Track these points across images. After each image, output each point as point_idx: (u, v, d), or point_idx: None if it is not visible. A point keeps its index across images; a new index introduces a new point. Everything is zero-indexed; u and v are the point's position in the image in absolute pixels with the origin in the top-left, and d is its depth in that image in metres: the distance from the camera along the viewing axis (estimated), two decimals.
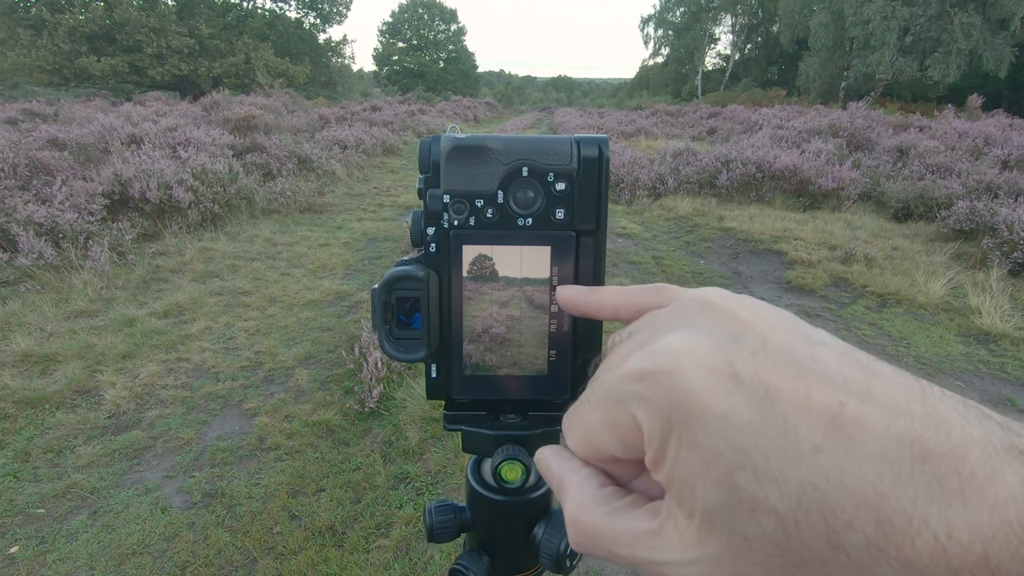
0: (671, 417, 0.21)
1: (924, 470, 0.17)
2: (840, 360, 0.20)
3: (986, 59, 24.35)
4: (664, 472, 0.21)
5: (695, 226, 6.19)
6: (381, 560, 1.86)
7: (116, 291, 4.00)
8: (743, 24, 42.64)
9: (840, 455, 0.18)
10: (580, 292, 0.32)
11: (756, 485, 0.19)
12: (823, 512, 0.18)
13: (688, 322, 0.23)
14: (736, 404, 0.19)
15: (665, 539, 0.21)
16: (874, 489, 0.17)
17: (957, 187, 6.30)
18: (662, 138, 13.25)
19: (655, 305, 0.27)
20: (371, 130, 12.09)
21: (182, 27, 27.74)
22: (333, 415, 2.63)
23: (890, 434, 0.18)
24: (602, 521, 0.23)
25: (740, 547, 0.19)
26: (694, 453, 0.20)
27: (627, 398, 0.22)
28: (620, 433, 0.23)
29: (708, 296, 0.25)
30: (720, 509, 0.19)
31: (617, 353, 0.26)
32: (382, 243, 5.45)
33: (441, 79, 53.68)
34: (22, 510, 2.07)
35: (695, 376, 0.20)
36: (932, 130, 10.51)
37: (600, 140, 0.35)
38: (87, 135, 7.15)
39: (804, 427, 0.18)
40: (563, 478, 0.26)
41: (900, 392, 0.19)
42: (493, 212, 0.35)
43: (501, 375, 0.37)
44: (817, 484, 0.18)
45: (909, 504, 0.17)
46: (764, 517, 0.18)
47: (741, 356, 0.21)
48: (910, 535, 0.17)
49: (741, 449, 0.19)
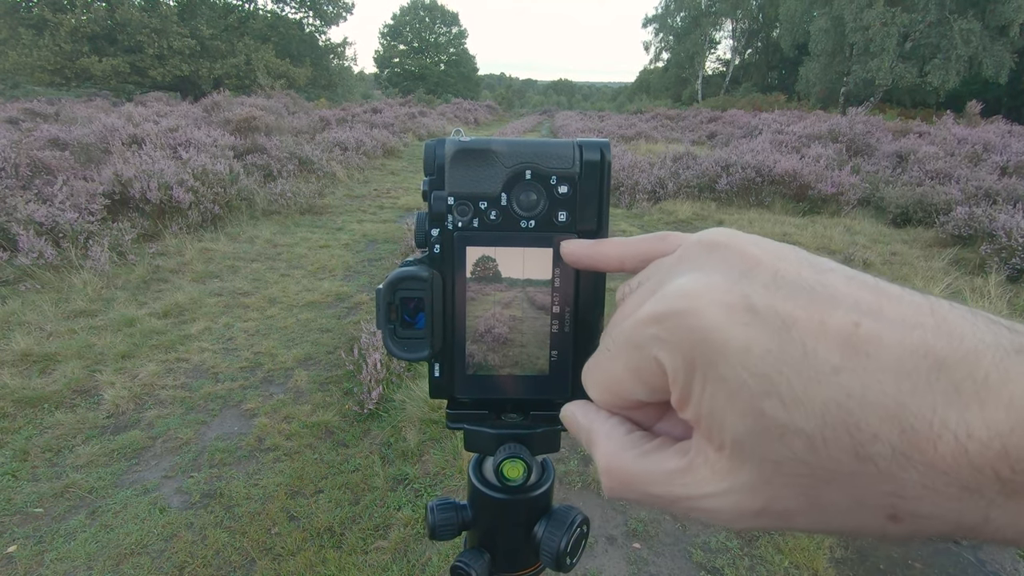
0: (693, 355, 0.21)
1: (940, 377, 0.18)
2: (849, 283, 0.21)
3: (986, 65, 24.41)
4: (691, 409, 0.22)
5: (694, 230, 6.19)
6: (379, 562, 1.86)
7: (116, 291, 4.01)
8: (743, 29, 42.76)
9: (859, 372, 0.18)
10: (584, 245, 0.32)
11: (782, 409, 0.19)
12: (848, 427, 0.18)
13: (698, 264, 0.24)
14: (755, 334, 0.20)
15: (697, 474, 0.22)
16: (894, 400, 0.18)
17: (956, 193, 6.32)
18: (662, 142, 13.27)
19: (659, 253, 0.28)
20: (372, 132, 12.11)
21: (183, 28, 27.78)
22: (332, 416, 2.63)
23: (905, 347, 0.18)
24: (633, 465, 0.24)
25: (771, 471, 0.20)
26: (719, 386, 0.20)
27: (647, 342, 0.23)
28: (644, 377, 0.24)
29: (714, 236, 0.25)
30: (749, 437, 0.20)
31: (629, 303, 0.26)
32: (382, 245, 5.45)
33: (442, 82, 53.77)
34: (20, 509, 2.07)
35: (712, 313, 0.21)
36: (931, 136, 10.54)
37: (602, 144, 0.35)
38: (88, 135, 7.16)
39: (822, 349, 0.19)
40: (591, 429, 0.27)
41: (910, 308, 0.20)
42: (496, 214, 0.35)
43: (503, 375, 0.37)
44: (840, 402, 0.18)
45: (929, 410, 0.18)
46: (792, 439, 0.19)
47: (754, 289, 0.21)
48: (932, 439, 0.17)
49: (764, 376, 0.20)
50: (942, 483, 0.18)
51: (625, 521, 2.05)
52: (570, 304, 0.36)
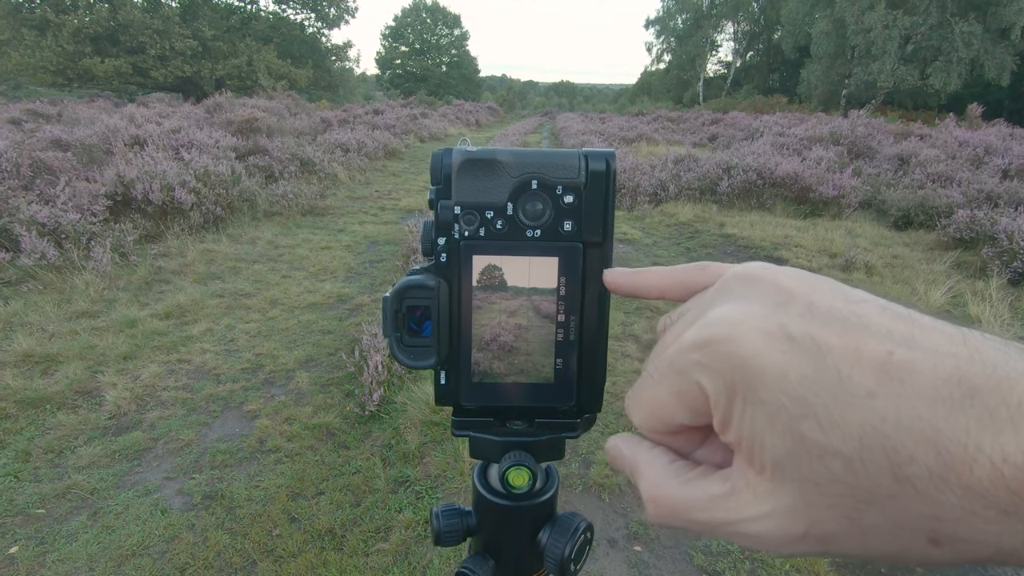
0: (734, 379, 0.22)
1: (974, 403, 0.18)
2: (882, 314, 0.22)
3: (988, 68, 24.41)
4: (732, 432, 0.23)
5: (696, 232, 6.20)
6: (380, 564, 1.86)
7: (118, 292, 4.01)
8: (745, 31, 42.79)
9: (894, 397, 0.19)
10: (627, 274, 0.33)
11: (820, 432, 0.20)
12: (885, 449, 0.19)
13: (736, 295, 0.25)
14: (792, 360, 0.21)
15: (740, 498, 0.23)
16: (929, 424, 0.19)
17: (957, 196, 6.31)
18: (663, 144, 13.28)
19: (699, 283, 0.29)
20: (373, 133, 12.13)
21: (185, 29, 27.86)
22: (333, 418, 2.63)
23: (938, 374, 0.19)
24: (677, 492, 0.25)
25: (812, 492, 0.20)
26: (759, 410, 0.21)
27: (689, 368, 0.24)
28: (687, 401, 0.25)
29: (751, 271, 0.26)
30: (789, 458, 0.21)
31: (671, 333, 0.28)
32: (383, 246, 5.46)
33: (443, 83, 53.84)
34: (22, 510, 2.07)
35: (751, 340, 0.22)
36: (933, 139, 10.54)
37: (607, 154, 0.36)
38: (91, 136, 7.17)
39: (857, 375, 0.20)
40: (635, 459, 0.28)
41: (942, 337, 0.20)
42: (503, 223, 0.35)
43: (508, 382, 0.38)
44: (876, 425, 0.19)
45: (963, 434, 0.18)
46: (831, 460, 0.20)
47: (791, 319, 0.22)
48: (968, 462, 0.18)
49: (802, 400, 0.20)
50: (980, 506, 0.18)
51: (626, 524, 2.05)
52: (575, 313, 0.37)
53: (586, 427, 0.40)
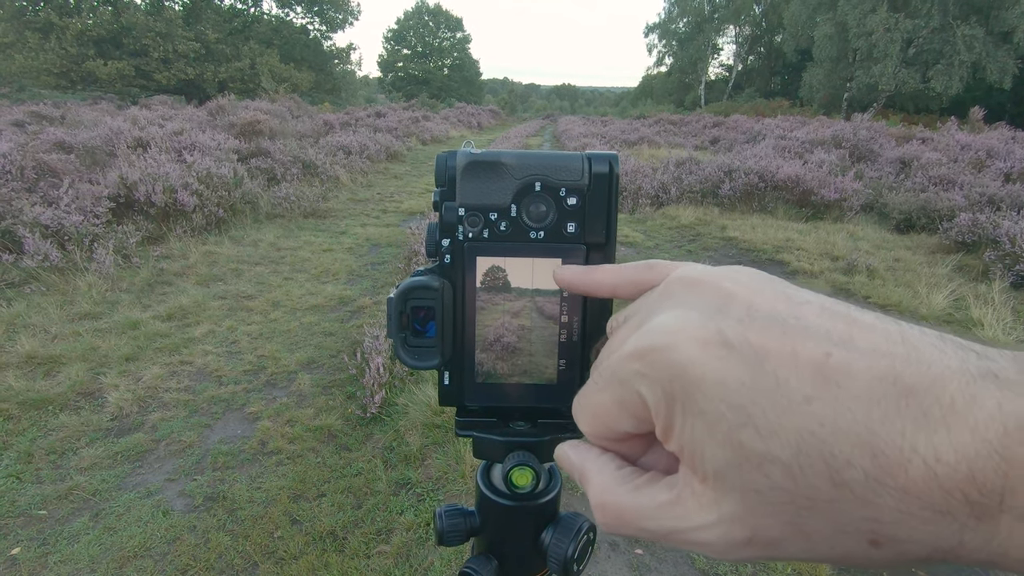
0: (672, 389, 0.22)
1: (909, 404, 0.18)
2: (821, 315, 0.22)
3: (990, 71, 24.41)
4: (674, 441, 0.23)
5: (697, 235, 6.20)
6: (382, 566, 1.86)
7: (120, 294, 4.02)
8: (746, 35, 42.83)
9: (830, 401, 0.19)
10: (579, 272, 0.33)
11: (758, 439, 0.20)
12: (822, 455, 0.19)
13: (677, 301, 0.25)
14: (729, 368, 0.21)
15: (685, 506, 0.23)
16: (865, 427, 0.19)
17: (960, 199, 6.30)
18: (665, 147, 13.29)
19: (648, 281, 0.29)
20: (375, 136, 12.15)
21: (188, 32, 27.96)
22: (335, 420, 2.64)
23: (873, 375, 0.19)
24: (625, 499, 0.25)
25: (753, 500, 0.20)
26: (698, 419, 0.21)
27: (630, 377, 0.24)
28: (630, 409, 0.25)
29: (692, 273, 0.26)
30: (729, 467, 0.21)
31: (616, 337, 0.28)
32: (385, 248, 5.47)
33: (445, 86, 53.93)
34: (24, 511, 2.07)
35: (688, 348, 0.22)
36: (935, 142, 10.54)
37: (610, 157, 0.36)
38: (94, 138, 7.20)
39: (794, 380, 0.20)
40: (584, 467, 0.28)
41: (880, 336, 0.20)
42: (506, 225, 0.36)
43: (512, 383, 0.38)
44: (813, 430, 0.19)
45: (898, 436, 0.18)
46: (770, 468, 0.20)
47: (728, 324, 0.22)
48: (903, 464, 0.18)
49: (740, 408, 0.20)
50: (916, 507, 0.18)
51: None
52: (578, 314, 0.37)
53: None
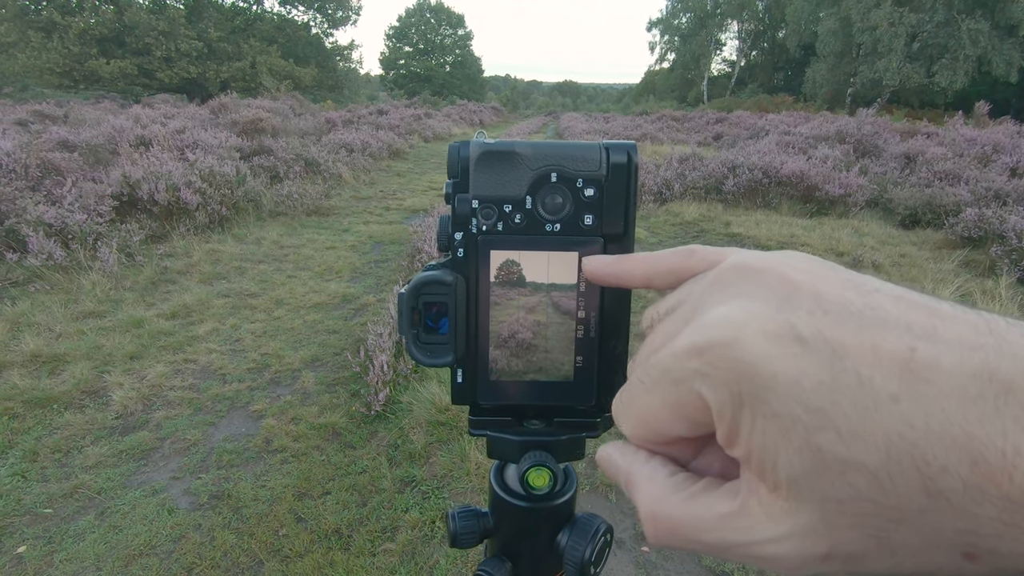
0: (740, 389, 0.20)
1: (1008, 402, 0.17)
2: (898, 304, 0.20)
3: (996, 64, 24.29)
4: (741, 447, 0.20)
5: (701, 231, 6.18)
6: (387, 564, 1.85)
7: (124, 292, 4.02)
8: (749, 30, 42.67)
9: (920, 399, 0.17)
10: (608, 262, 0.31)
11: (840, 444, 0.18)
12: (915, 460, 0.17)
13: (735, 291, 0.23)
14: (805, 366, 0.19)
15: (752, 517, 0.20)
16: (961, 428, 0.17)
17: (965, 194, 6.27)
18: (668, 143, 13.24)
19: (688, 269, 0.27)
20: (377, 134, 12.13)
21: (191, 30, 27.97)
22: (339, 418, 2.63)
23: (966, 371, 0.17)
24: (680, 510, 0.23)
25: (834, 512, 0.19)
26: (770, 422, 0.19)
27: (688, 376, 0.21)
28: (686, 412, 0.22)
29: (749, 260, 0.24)
30: (806, 476, 0.19)
31: (660, 331, 0.25)
32: (388, 246, 5.46)
33: (447, 83, 53.86)
34: (30, 510, 2.07)
35: (757, 344, 0.20)
36: (940, 137, 10.48)
37: (629, 146, 0.35)
38: (97, 137, 7.21)
39: (879, 377, 0.18)
40: (631, 472, 0.25)
41: (966, 328, 0.18)
42: (521, 217, 0.35)
43: (527, 381, 0.37)
44: (903, 433, 0.17)
45: (1000, 438, 0.16)
46: (855, 476, 0.18)
47: (799, 317, 0.20)
48: (1007, 470, 0.16)
49: (819, 410, 0.18)
50: (1021, 518, 0.16)
51: (633, 525, 2.03)
52: (596, 309, 0.36)
53: (606, 427, 0.39)
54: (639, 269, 0.29)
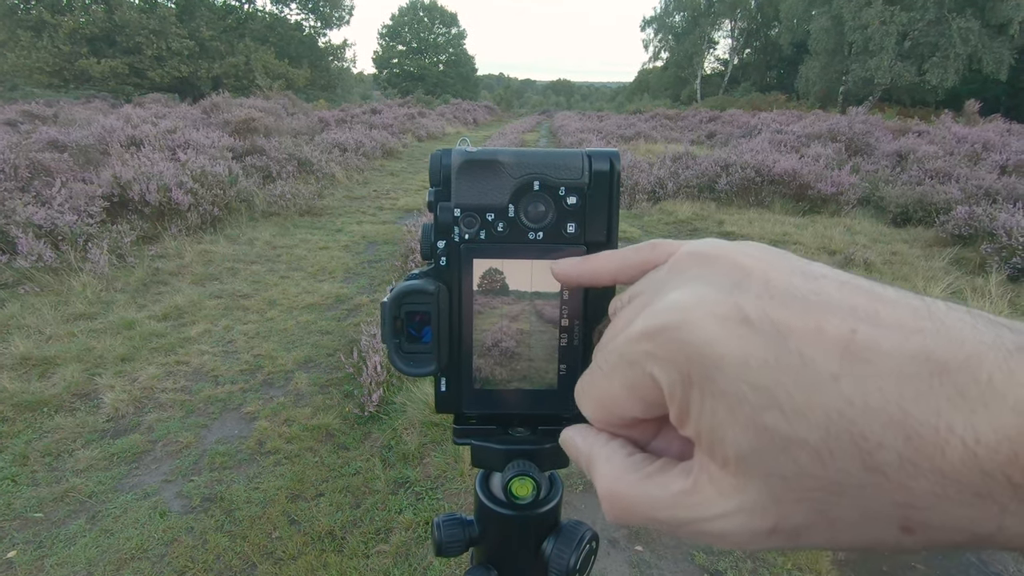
0: (689, 370, 0.21)
1: (943, 382, 0.17)
2: (842, 289, 0.20)
3: (986, 61, 24.47)
4: (691, 426, 0.21)
5: (694, 230, 6.20)
6: (381, 565, 1.85)
7: (115, 294, 4.00)
8: (742, 28, 42.80)
9: (859, 379, 0.18)
10: (575, 263, 0.31)
11: (784, 422, 0.19)
12: (853, 436, 0.18)
13: (689, 276, 0.24)
14: (751, 346, 0.20)
15: (702, 494, 0.21)
16: (897, 406, 0.17)
17: (956, 192, 6.31)
18: (661, 142, 13.27)
19: (651, 262, 0.28)
20: (371, 133, 12.10)
21: (182, 29, 27.77)
22: (332, 419, 2.62)
23: (904, 352, 0.18)
24: (636, 489, 0.23)
25: (779, 487, 0.19)
26: (718, 401, 0.20)
27: (641, 358, 0.22)
28: (640, 394, 0.23)
29: (703, 248, 0.25)
30: (753, 452, 0.19)
31: (621, 318, 0.26)
32: (382, 246, 5.45)
33: (441, 82, 53.74)
34: (20, 514, 2.06)
35: (706, 326, 0.21)
36: (931, 135, 10.55)
37: (611, 154, 0.35)
38: (87, 137, 7.15)
39: (820, 357, 0.19)
40: (591, 453, 0.26)
41: (907, 312, 0.19)
42: (504, 226, 0.34)
43: (511, 389, 0.37)
44: (842, 410, 0.18)
45: (933, 416, 0.17)
46: (798, 452, 0.19)
47: (747, 300, 0.21)
48: (939, 445, 0.17)
49: (764, 389, 0.19)
50: (953, 491, 0.17)
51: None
52: (579, 317, 0.36)
53: None
54: (606, 267, 0.30)
